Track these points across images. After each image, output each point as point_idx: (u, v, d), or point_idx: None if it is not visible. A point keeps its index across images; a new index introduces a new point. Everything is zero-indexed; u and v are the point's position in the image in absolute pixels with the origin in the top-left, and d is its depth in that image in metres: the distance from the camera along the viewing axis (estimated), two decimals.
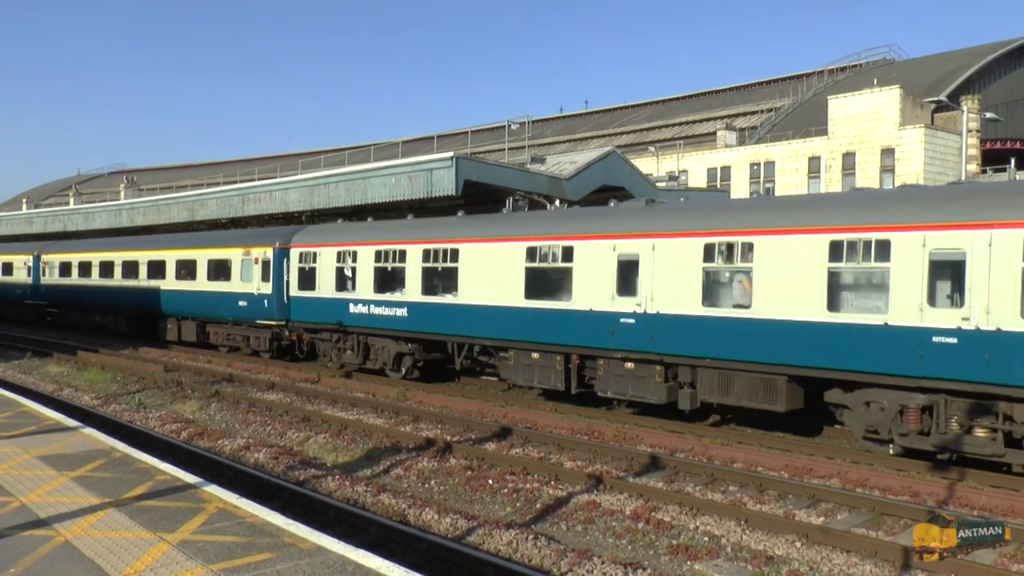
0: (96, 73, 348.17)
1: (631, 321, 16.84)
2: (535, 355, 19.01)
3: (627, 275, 17.03)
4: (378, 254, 22.89)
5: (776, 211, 15.54)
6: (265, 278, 26.97)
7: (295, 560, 7.50)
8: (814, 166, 51.57)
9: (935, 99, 51.21)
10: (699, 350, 15.92)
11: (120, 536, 8.19)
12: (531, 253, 18.92)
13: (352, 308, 23.58)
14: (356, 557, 7.59)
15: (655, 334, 16.46)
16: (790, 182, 51.99)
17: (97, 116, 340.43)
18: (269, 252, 26.89)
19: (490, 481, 13.02)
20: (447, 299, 20.96)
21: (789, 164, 52.64)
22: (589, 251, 17.75)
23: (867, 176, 48.82)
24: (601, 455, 14.75)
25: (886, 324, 13.34)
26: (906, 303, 13.11)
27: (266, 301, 26.89)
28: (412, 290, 21.77)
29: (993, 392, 12.37)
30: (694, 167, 56.90)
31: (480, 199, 27.76)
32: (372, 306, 22.94)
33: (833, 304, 14.17)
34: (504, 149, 36.73)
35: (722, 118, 64.80)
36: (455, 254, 20.68)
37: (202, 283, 30.08)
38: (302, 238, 26.13)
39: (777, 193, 51.05)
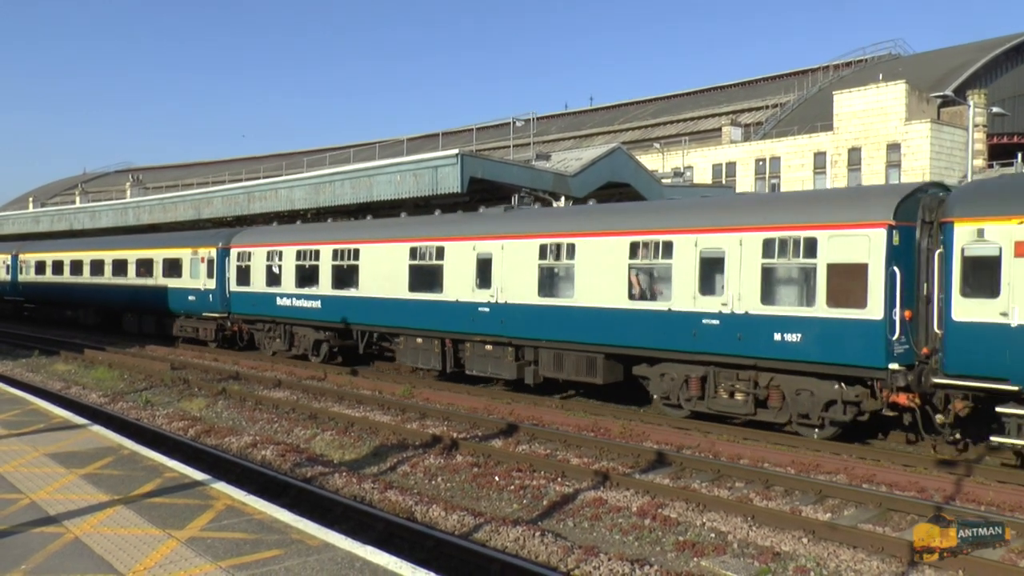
0: (101, 72, 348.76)
1: (487, 310, 20.16)
2: (419, 340, 22.40)
3: (484, 271, 20.25)
4: (299, 253, 26.23)
5: (593, 217, 18.83)
6: (210, 275, 30.03)
7: (303, 557, 7.53)
8: (820, 162, 51.48)
9: (941, 94, 51.08)
10: (537, 333, 19.15)
11: (129, 533, 8.23)
12: (413, 252, 22.16)
13: (279, 301, 26.82)
14: (364, 554, 7.61)
15: (504, 320, 19.75)
16: (796, 178, 51.92)
17: (103, 115, 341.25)
18: (213, 252, 30.01)
19: (497, 478, 13.04)
20: (351, 293, 24.20)
21: (795, 160, 52.56)
22: (456, 250, 20.95)
23: (873, 171, 48.73)
24: (607, 451, 14.77)
25: (669, 310, 16.54)
26: (684, 292, 16.28)
27: (211, 296, 30.06)
28: (325, 285, 25.08)
29: (744, 363, 15.58)
30: (699, 163, 56.83)
31: (485, 196, 27.79)
32: (294, 299, 26.22)
33: (633, 295, 17.38)
34: (509, 146, 36.74)
35: (727, 114, 64.70)
36: (357, 253, 24.04)
37: (159, 280, 33.13)
38: (240, 239, 29.38)
39: (783, 188, 51.08)
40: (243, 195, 35.13)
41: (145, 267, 34.03)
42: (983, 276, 13.00)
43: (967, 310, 13.05)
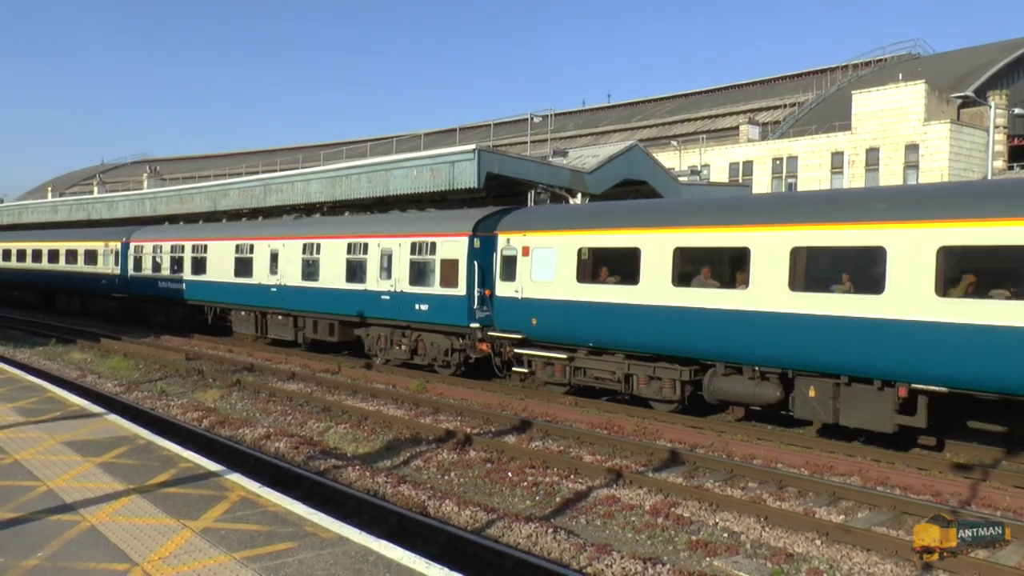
0: (120, 64, 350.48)
1: (276, 290, 28.25)
2: (243, 313, 30.58)
3: (274, 262, 28.33)
4: (172, 247, 34.62)
5: (328, 224, 27.21)
6: (117, 263, 37.95)
7: (317, 550, 7.56)
8: (837, 161, 51.16)
9: (961, 94, 50.64)
10: (302, 306, 27.27)
11: (144, 522, 8.28)
12: (238, 248, 30.36)
13: (159, 284, 35.14)
14: (378, 548, 7.63)
15: (285, 297, 27.82)
16: (813, 177, 51.63)
17: (121, 106, 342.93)
18: (118, 245, 37.95)
19: (510, 474, 13.05)
20: (201, 277, 32.39)
21: (812, 159, 52.25)
22: (261, 247, 29.22)
23: (891, 172, 48.39)
24: (621, 449, 14.75)
25: (366, 289, 24.44)
26: (373, 277, 24.23)
27: (116, 280, 37.99)
28: (187, 271, 33.32)
29: (403, 325, 23.72)
30: (716, 161, 56.59)
31: (502, 192, 27.75)
32: (169, 283, 34.48)
33: (350, 279, 25.08)
34: (527, 142, 36.62)
35: (745, 112, 64.38)
36: (206, 248, 32.44)
37: (81, 266, 40.83)
38: (136, 236, 37.58)
39: (799, 188, 50.82)
40: (259, 187, 35.19)
41: (72, 256, 41.65)
42: (510, 268, 20.30)
43: (503, 289, 20.43)
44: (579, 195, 27.10)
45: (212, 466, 10.72)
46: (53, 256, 43.41)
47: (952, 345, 12.80)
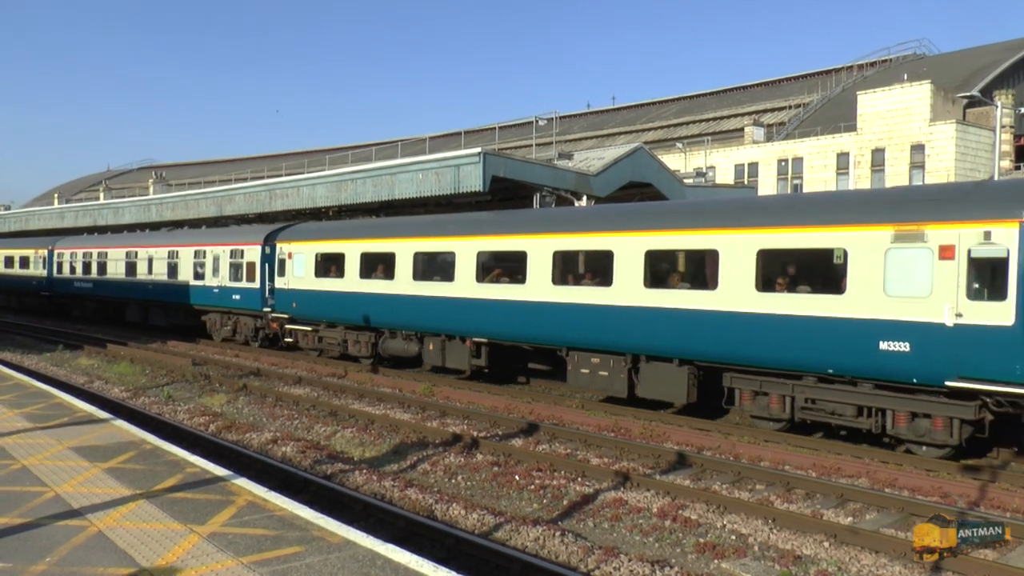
0: (126, 69, 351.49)
1: (151, 286, 36.33)
2: (133, 305, 38.60)
3: (150, 263, 36.78)
4: (84, 254, 42.18)
5: (183, 236, 35.87)
6: (44, 267, 46.05)
7: (324, 554, 7.55)
8: (843, 162, 51.10)
9: (967, 94, 50.51)
10: (168, 297, 35.07)
11: (151, 527, 8.29)
12: (128, 255, 38.27)
13: (75, 284, 42.96)
14: (385, 552, 7.62)
15: (159, 291, 35.75)
16: (818, 178, 51.56)
17: (126, 113, 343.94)
18: (45, 252, 46.08)
19: (517, 477, 13.03)
20: (104, 278, 40.15)
21: (817, 160, 52.19)
22: (141, 254, 37.34)
23: (896, 173, 48.30)
24: (628, 452, 14.73)
25: (205, 285, 32.35)
26: (209, 274, 32.16)
27: (44, 281, 46.18)
28: (94, 272, 41.01)
29: (227, 311, 31.58)
30: (722, 163, 56.55)
31: (507, 195, 27.75)
32: (83, 283, 42.16)
33: (196, 277, 32.81)
34: (532, 145, 36.68)
35: (750, 114, 64.35)
36: (107, 254, 40.15)
37: (17, 270, 49.55)
38: (59, 244, 45.16)
39: (805, 190, 50.72)
40: (265, 192, 35.28)
41: (9, 262, 50.59)
42: (282, 267, 27.58)
43: (279, 283, 27.79)
44: (584, 197, 27.10)
45: (219, 471, 10.73)
46: (9, 262, 51.59)
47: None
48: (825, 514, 11.31)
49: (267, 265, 28.80)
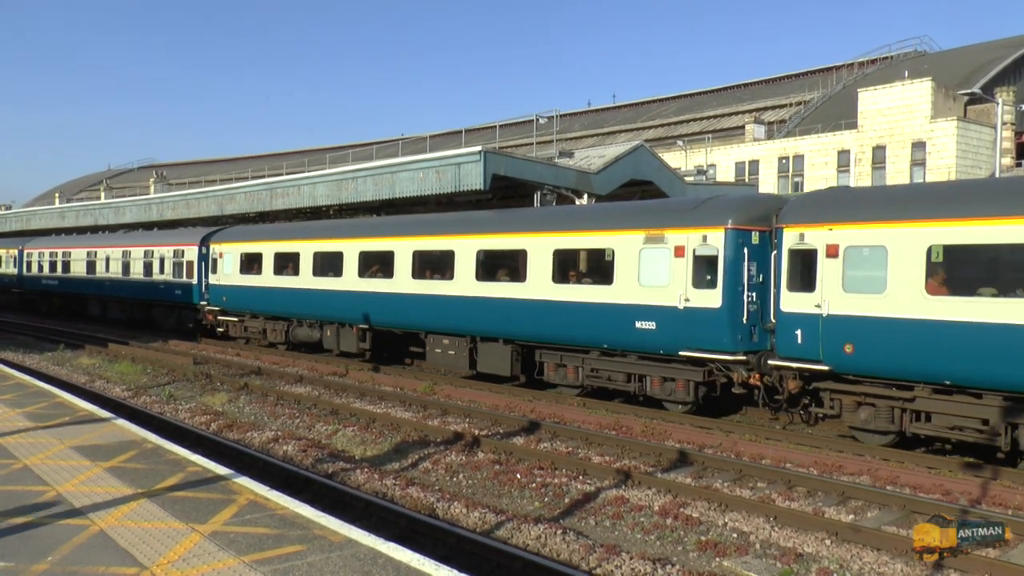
0: (126, 68, 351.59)
1: (108, 283, 39.90)
2: (93, 300, 42.41)
3: (106, 262, 40.63)
4: (51, 254, 46.10)
5: (134, 238, 39.85)
6: (15, 266, 50.11)
7: (326, 553, 7.55)
8: (843, 160, 51.08)
9: (968, 91, 50.49)
10: (123, 293, 38.80)
11: (153, 526, 8.29)
12: (88, 254, 41.75)
13: (42, 281, 46.69)
14: (386, 550, 7.62)
15: (115, 287, 39.47)
16: (819, 176, 51.53)
17: (127, 112, 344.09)
18: (16, 252, 50.15)
19: (518, 475, 13.03)
20: (68, 275, 43.83)
21: (818, 158, 52.17)
22: (100, 253, 40.95)
23: (897, 170, 48.27)
24: (629, 450, 14.72)
25: (153, 280, 35.97)
26: (156, 271, 35.65)
27: (15, 279, 50.20)
28: (59, 271, 44.70)
29: (172, 304, 35.26)
30: (722, 161, 56.54)
31: (508, 193, 27.74)
32: (49, 280, 46.08)
33: (146, 274, 36.02)
34: (532, 143, 36.61)
35: (751, 111, 64.29)
36: (70, 254, 43.72)
37: None
38: (28, 245, 49.08)
39: (806, 188, 50.67)
40: (265, 191, 35.28)
41: None
42: (215, 265, 31.17)
43: (212, 279, 31.27)
44: (585, 195, 27.09)
45: (220, 470, 10.72)
46: None
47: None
48: (827, 512, 11.30)
49: (203, 264, 32.12)
